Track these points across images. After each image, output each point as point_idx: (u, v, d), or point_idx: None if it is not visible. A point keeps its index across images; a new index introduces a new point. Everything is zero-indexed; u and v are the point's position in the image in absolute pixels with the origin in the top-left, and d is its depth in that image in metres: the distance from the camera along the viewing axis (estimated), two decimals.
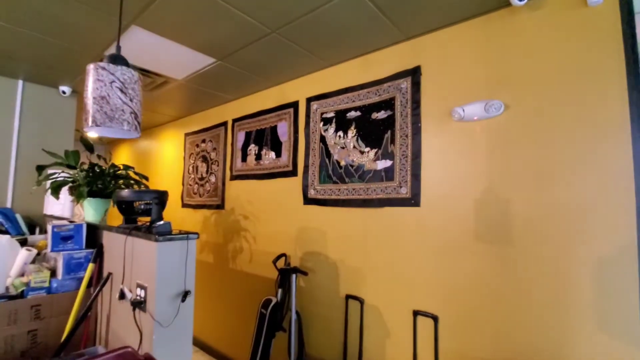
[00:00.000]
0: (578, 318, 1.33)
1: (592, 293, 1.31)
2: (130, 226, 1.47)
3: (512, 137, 1.54)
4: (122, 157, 5.20)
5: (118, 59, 1.09)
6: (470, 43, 1.70)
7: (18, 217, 2.47)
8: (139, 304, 1.29)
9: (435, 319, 1.71)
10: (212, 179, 3.25)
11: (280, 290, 2.30)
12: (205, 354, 3.13)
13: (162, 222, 1.35)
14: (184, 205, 3.60)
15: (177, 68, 2.39)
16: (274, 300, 2.28)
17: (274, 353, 2.40)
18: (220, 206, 3.12)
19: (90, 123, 0.98)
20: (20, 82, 2.72)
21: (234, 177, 3.01)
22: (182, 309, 1.27)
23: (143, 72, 2.47)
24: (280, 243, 2.54)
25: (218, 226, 3.14)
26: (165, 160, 4.08)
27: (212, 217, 3.22)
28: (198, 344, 3.26)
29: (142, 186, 2.16)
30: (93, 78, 0.99)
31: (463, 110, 1.64)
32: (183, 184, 3.66)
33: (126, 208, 1.51)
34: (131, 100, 1.03)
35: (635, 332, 1.22)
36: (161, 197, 1.45)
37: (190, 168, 3.57)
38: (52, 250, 1.59)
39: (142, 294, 1.30)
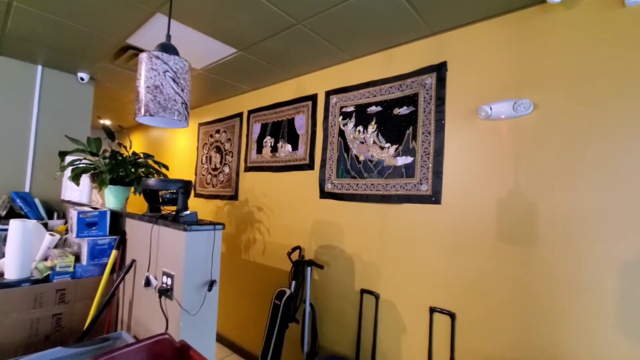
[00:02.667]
0: (601, 322, 1.33)
1: (617, 297, 1.30)
2: (157, 215, 1.49)
3: (540, 137, 1.52)
4: (135, 144, 5.22)
5: (170, 48, 1.08)
6: (499, 40, 1.67)
7: (37, 201, 2.50)
8: (165, 292, 1.31)
9: (452, 316, 1.71)
10: (226, 169, 3.26)
11: (294, 282, 2.32)
12: (217, 343, 3.17)
13: (188, 212, 1.36)
14: (197, 195, 3.62)
15: (197, 57, 2.38)
16: (288, 291, 2.30)
17: (286, 344, 2.43)
18: (233, 197, 3.13)
19: (143, 112, 0.98)
20: (40, 68, 2.73)
21: (248, 169, 3.01)
22: (208, 297, 1.29)
23: None
24: (294, 236, 2.55)
25: (231, 217, 3.16)
26: (177, 149, 4.09)
27: (225, 207, 3.24)
28: None
29: (162, 175, 2.17)
30: (147, 67, 0.99)
31: (490, 108, 1.62)
32: (196, 174, 3.68)
33: (152, 196, 1.52)
34: (182, 90, 1.03)
35: None
36: (187, 187, 1.46)
37: (204, 158, 3.58)
38: (77, 236, 1.61)
39: (169, 282, 1.32)
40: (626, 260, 1.29)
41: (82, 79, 2.87)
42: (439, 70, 1.87)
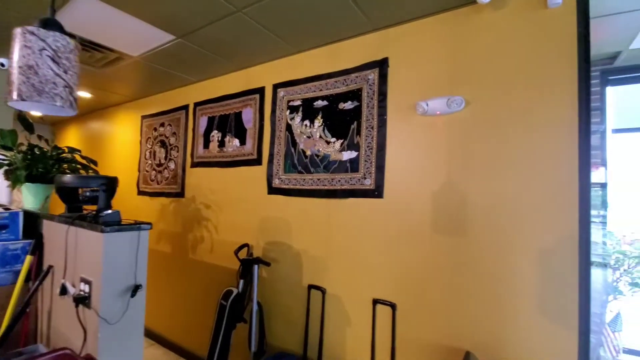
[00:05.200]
0: (522, 304, 1.42)
1: (535, 281, 1.40)
2: (73, 215, 1.35)
3: (471, 132, 1.59)
4: (70, 139, 4.78)
5: (51, 24, 0.95)
6: (436, 37, 1.72)
7: None
8: (82, 300, 1.19)
9: (393, 306, 1.76)
10: (171, 165, 3.08)
11: (242, 281, 2.25)
12: (161, 347, 3.02)
13: (110, 211, 1.24)
14: (140, 193, 3.40)
15: (132, 44, 2.21)
16: (235, 291, 2.23)
17: (234, 344, 2.36)
18: (179, 194, 2.97)
19: (15, 96, 0.85)
20: None
21: (195, 164, 2.87)
22: (132, 304, 1.19)
23: (93, 46, 2.25)
24: (243, 233, 2.48)
25: (177, 215, 3.00)
26: (119, 144, 3.80)
27: (171, 205, 3.07)
28: (153, 336, 3.13)
29: (91, 171, 1.99)
30: (20, 44, 0.86)
31: (427, 104, 1.67)
32: (139, 170, 3.44)
33: (69, 195, 1.38)
34: (65, 72, 0.91)
35: (572, 318, 1.32)
36: (110, 184, 1.34)
37: (147, 153, 3.36)
38: None
39: (87, 289, 1.20)
40: (546, 249, 1.40)
41: (2, 64, 2.54)
42: (381, 66, 1.89)
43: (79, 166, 1.95)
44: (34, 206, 1.78)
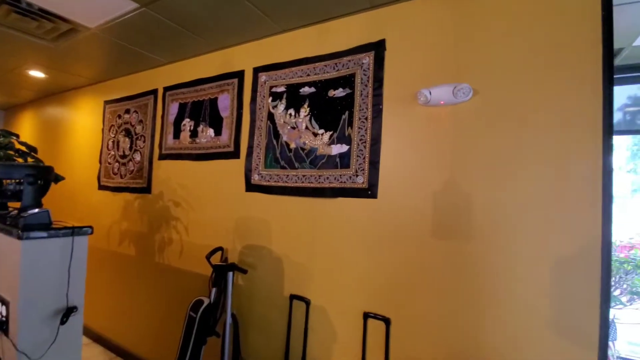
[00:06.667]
0: (532, 319, 1.25)
1: (548, 293, 1.24)
2: None
3: (478, 125, 1.41)
4: (24, 126, 4.28)
5: None
6: (441, 17, 1.52)
7: None
8: None
9: (387, 321, 1.55)
10: (137, 157, 2.75)
11: (214, 290, 1.98)
12: None
13: (36, 211, 0.95)
14: (101, 187, 3.03)
15: (88, 11, 1.88)
16: (206, 301, 1.96)
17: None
18: (145, 189, 2.65)
19: None
20: None
21: (163, 156, 2.55)
22: (62, 333, 0.91)
23: (39, 12, 1.90)
24: (217, 235, 2.20)
25: (143, 213, 2.68)
26: (79, 132, 3.40)
27: (136, 202, 2.74)
28: (114, 349, 2.80)
29: (31, 160, 1.65)
30: None
31: (430, 92, 1.46)
32: (100, 162, 3.07)
33: None
34: None
35: (591, 337, 1.16)
36: (40, 174, 1.04)
37: (110, 143, 3.00)
38: None
39: (4, 312, 0.91)
40: (562, 257, 1.23)
41: None
42: (377, 48, 1.67)
43: (16, 154, 1.62)
44: None
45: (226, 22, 1.91)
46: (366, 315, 1.61)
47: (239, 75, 2.17)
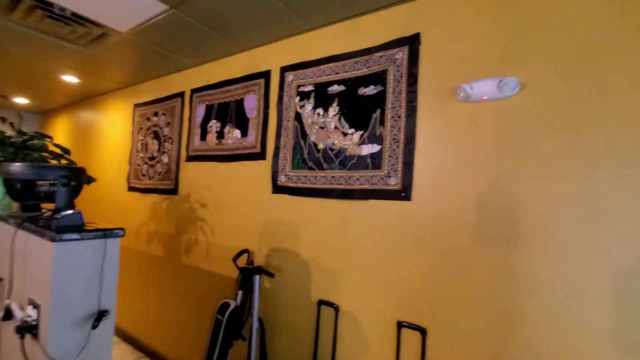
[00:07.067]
0: (591, 337, 1.12)
1: (610, 309, 1.10)
2: (24, 215, 1.04)
3: (528, 122, 1.29)
4: (59, 130, 4.47)
5: None
6: (482, 6, 1.42)
7: None
8: (28, 330, 0.89)
9: (423, 332, 1.46)
10: (165, 159, 2.77)
11: (240, 293, 1.95)
12: None
13: (69, 212, 0.94)
14: (131, 189, 3.09)
15: (119, 15, 1.90)
16: (232, 304, 1.93)
17: None
18: (173, 191, 2.67)
19: None
20: None
21: (190, 158, 2.56)
22: (93, 338, 0.89)
23: (73, 17, 1.94)
24: (243, 237, 2.17)
25: (170, 214, 2.70)
26: (110, 135, 3.49)
27: (164, 203, 2.76)
28: (142, 348, 2.83)
29: (64, 162, 1.68)
30: None
31: (471, 87, 1.36)
32: (130, 164, 3.13)
33: (22, 190, 1.08)
34: None
35: None
36: (73, 176, 1.03)
37: (140, 145, 3.05)
38: None
39: (35, 315, 0.90)
40: (624, 268, 1.10)
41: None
42: (411, 43, 1.58)
43: (51, 156, 1.65)
44: None
45: (253, 22, 1.88)
46: (400, 325, 1.52)
47: (266, 75, 2.14)
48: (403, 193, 1.55)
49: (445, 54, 1.50)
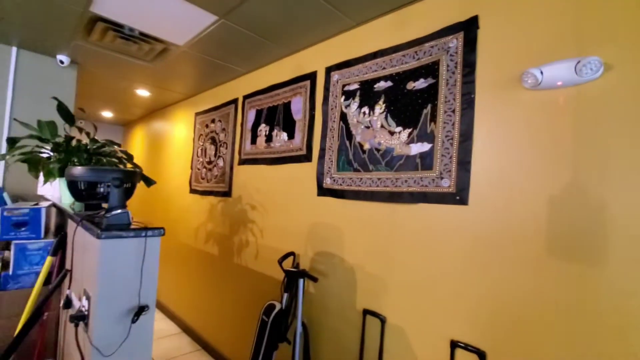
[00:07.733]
0: None
1: None
2: (83, 214, 1.14)
3: (614, 111, 1.05)
4: (136, 139, 5.02)
5: None
6: None
7: (5, 196, 2.25)
8: (81, 319, 0.96)
9: (481, 355, 1.27)
10: (220, 162, 2.92)
11: (286, 295, 1.94)
12: (206, 353, 2.86)
13: (118, 212, 1.00)
14: (192, 191, 3.31)
15: (176, 30, 2.04)
16: (278, 306, 1.93)
17: None
18: (227, 193, 2.79)
19: None
20: (14, 50, 2.48)
21: (242, 162, 2.66)
22: (134, 331, 0.93)
23: (138, 36, 2.14)
24: (289, 239, 2.17)
25: (224, 215, 2.82)
26: (176, 142, 3.81)
27: (219, 205, 2.90)
28: (199, 341, 2.99)
29: (130, 166, 1.84)
30: None
31: (541, 72, 1.16)
32: (192, 168, 3.37)
33: (86, 192, 1.19)
34: None
35: None
36: (125, 178, 1.10)
37: (199, 151, 3.27)
38: (1, 238, 1.30)
39: (87, 306, 0.97)
40: None
41: (61, 61, 2.61)
42: (468, 28, 1.42)
43: (117, 161, 1.82)
44: (69, 202, 1.68)
45: (299, 24, 1.87)
46: (454, 344, 1.35)
47: (311, 76, 2.12)
48: (458, 196, 1.39)
49: (508, 37, 1.31)
